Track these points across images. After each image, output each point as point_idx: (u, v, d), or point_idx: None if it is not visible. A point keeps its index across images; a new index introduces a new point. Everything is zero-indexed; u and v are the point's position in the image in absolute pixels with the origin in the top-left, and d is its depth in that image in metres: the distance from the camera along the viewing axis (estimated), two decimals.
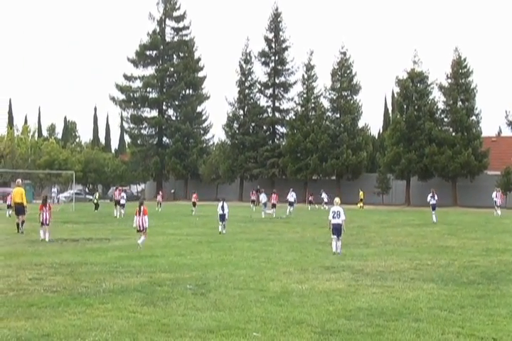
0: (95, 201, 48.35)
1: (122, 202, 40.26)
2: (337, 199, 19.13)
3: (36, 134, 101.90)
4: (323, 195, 55.41)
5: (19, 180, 29.11)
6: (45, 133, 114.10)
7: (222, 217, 26.58)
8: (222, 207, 26.71)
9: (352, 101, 71.08)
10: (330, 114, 72.68)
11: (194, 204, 46.13)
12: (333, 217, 18.30)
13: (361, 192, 58.52)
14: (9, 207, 37.63)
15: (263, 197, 43.24)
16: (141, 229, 19.70)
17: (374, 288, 12.26)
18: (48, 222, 22.69)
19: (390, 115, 77.53)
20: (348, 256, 17.43)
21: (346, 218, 18.81)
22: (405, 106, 65.41)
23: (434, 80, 65.71)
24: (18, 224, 26.07)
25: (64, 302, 10.61)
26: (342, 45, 72.52)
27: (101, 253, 17.87)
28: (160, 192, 51.97)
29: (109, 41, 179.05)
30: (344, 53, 71.27)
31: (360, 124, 72.27)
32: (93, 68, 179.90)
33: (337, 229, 18.19)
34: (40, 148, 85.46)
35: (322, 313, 9.84)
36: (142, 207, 19.87)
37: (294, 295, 11.40)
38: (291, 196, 45.77)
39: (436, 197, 37.00)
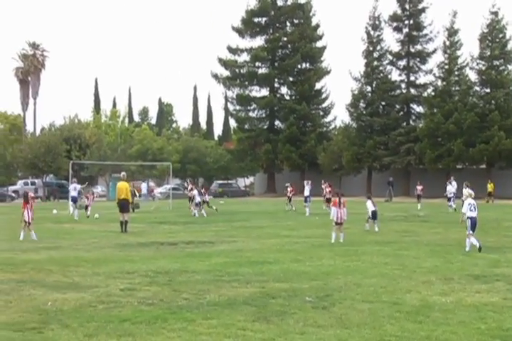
0: (138, 197, 47.90)
1: (198, 199, 39.83)
2: (471, 191, 21.16)
3: (127, 119, 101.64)
4: (452, 185, 45.68)
5: (124, 174, 31.49)
6: (136, 118, 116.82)
7: (375, 214, 27.83)
8: (373, 202, 28.20)
9: (506, 73, 69.52)
10: (478, 88, 71.37)
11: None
12: (470, 210, 19.61)
13: (490, 184, 55.76)
14: (87, 207, 39.37)
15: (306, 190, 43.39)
16: (341, 221, 22.97)
17: None
18: (31, 221, 24.52)
19: None
20: (502, 262, 17.02)
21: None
22: None
23: None
24: (121, 223, 28.17)
25: (161, 317, 10.75)
26: (493, 3, 70.56)
27: (203, 259, 18.11)
28: (289, 187, 47.31)
29: (209, 7, 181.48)
30: (495, 13, 69.62)
31: None
32: (191, 40, 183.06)
33: (475, 224, 19.59)
34: (131, 135, 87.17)
35: (472, 333, 9.63)
36: (342, 199, 23.23)
37: (436, 309, 11.23)
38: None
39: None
